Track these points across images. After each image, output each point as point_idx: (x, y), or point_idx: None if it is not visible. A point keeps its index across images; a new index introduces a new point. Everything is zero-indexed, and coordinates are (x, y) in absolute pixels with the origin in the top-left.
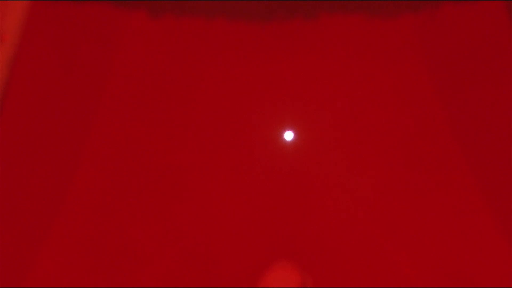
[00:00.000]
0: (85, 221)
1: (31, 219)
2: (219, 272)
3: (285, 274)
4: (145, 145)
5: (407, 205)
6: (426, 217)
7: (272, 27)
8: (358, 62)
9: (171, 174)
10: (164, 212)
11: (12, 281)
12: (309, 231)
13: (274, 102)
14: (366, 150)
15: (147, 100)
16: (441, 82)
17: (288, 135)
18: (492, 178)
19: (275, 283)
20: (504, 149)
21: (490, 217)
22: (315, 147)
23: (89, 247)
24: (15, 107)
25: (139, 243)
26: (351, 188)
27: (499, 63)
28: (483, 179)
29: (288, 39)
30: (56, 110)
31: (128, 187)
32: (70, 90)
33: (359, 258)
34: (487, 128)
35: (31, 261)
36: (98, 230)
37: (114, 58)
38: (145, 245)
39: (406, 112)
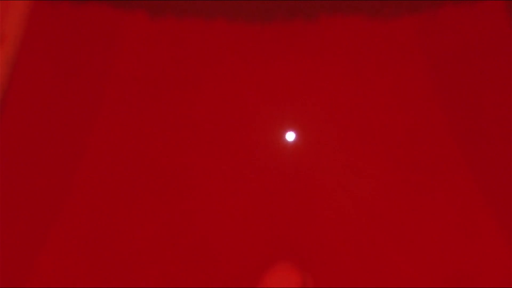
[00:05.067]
0: (85, 222)
1: (32, 219)
2: (219, 273)
3: (285, 274)
4: (146, 146)
5: (409, 207)
6: (428, 219)
7: (272, 28)
8: (359, 64)
9: (172, 175)
10: (165, 212)
11: (12, 281)
12: (310, 232)
13: (275, 103)
14: (368, 151)
15: (147, 101)
16: (443, 84)
17: (289, 137)
18: (494, 180)
19: (275, 283)
20: (506, 151)
21: (492, 218)
22: (317, 149)
23: (89, 247)
24: (15, 108)
25: (141, 243)
26: (353, 189)
27: (500, 64)
28: (484, 181)
29: (288, 40)
30: (57, 110)
31: (129, 188)
32: (71, 90)
33: (360, 259)
34: (489, 130)
35: (31, 261)
36: (98, 231)
37: (115, 59)
38: (146, 246)
39: (408, 114)
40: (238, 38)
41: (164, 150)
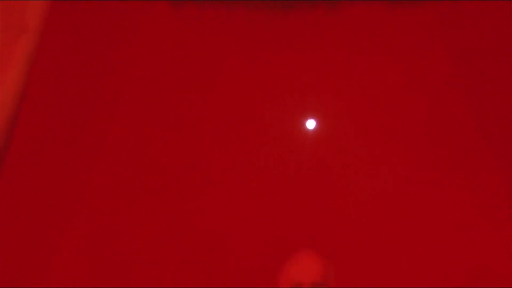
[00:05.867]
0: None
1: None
2: (239, 263)
3: (307, 263)
4: (164, 135)
5: (429, 197)
6: (447, 210)
7: (293, 16)
8: (380, 53)
9: (189, 163)
10: (179, 203)
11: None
12: (329, 222)
13: (295, 92)
14: (388, 142)
15: (167, 89)
16: (465, 74)
17: (308, 125)
18: None
19: (297, 272)
20: None
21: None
22: (336, 138)
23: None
24: (36, 99)
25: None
26: (371, 180)
27: None
28: (504, 174)
29: (309, 28)
30: (76, 103)
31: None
32: (90, 82)
33: (379, 248)
34: (506, 123)
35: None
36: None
37: (135, 50)
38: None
39: (429, 104)
40: (260, 26)
41: (185, 134)
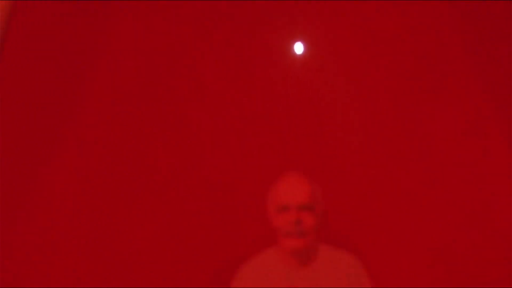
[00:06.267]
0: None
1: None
2: (227, 184)
3: (294, 186)
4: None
5: (417, 127)
6: (434, 139)
7: None
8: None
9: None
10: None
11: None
12: (317, 145)
13: (285, 16)
14: (378, 70)
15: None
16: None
17: (298, 49)
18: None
19: (284, 194)
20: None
21: None
22: (325, 65)
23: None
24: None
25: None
26: (359, 104)
27: None
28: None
29: None
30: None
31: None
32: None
33: (363, 170)
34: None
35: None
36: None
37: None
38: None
39: (421, 36)
40: None
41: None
